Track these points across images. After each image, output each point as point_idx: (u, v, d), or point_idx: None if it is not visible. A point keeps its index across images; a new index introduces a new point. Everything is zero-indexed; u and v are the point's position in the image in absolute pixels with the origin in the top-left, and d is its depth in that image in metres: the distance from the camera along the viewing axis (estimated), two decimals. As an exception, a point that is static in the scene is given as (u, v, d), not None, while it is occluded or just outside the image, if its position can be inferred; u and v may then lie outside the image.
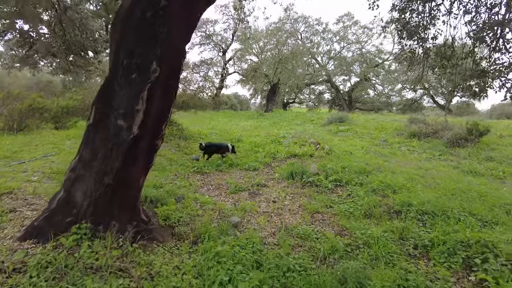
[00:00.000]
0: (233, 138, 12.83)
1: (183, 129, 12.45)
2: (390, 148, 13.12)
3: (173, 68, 3.91)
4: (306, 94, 48.71)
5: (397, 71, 41.60)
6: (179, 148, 10.77)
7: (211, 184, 7.60)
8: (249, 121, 21.55)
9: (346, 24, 41.69)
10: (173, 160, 9.26)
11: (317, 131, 15.56)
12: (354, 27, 41.94)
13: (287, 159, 9.61)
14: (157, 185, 6.36)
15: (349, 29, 41.83)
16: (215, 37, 41.52)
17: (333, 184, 7.44)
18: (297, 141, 11.67)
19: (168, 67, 3.82)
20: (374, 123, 18.87)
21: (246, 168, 9.00)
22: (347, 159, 9.70)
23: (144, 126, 3.74)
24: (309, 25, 40.88)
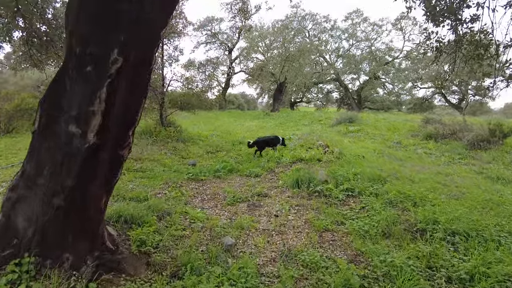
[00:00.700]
0: (235, 140, 12.00)
1: (181, 131, 11.66)
2: (404, 150, 12.16)
3: (142, 59, 3.08)
4: (314, 93, 47.61)
5: (408, 69, 40.42)
6: (176, 152, 9.97)
7: (206, 194, 6.77)
8: (254, 122, 20.70)
9: (355, 21, 40.61)
10: (167, 165, 8.46)
11: (325, 132, 14.64)
12: (363, 24, 40.86)
13: (292, 164, 8.74)
14: (141, 198, 5.55)
15: (358, 26, 40.76)
16: (220, 35, 40.80)
17: (344, 195, 6.54)
18: (304, 143, 10.79)
19: (136, 57, 2.99)
20: (386, 123, 17.87)
21: (247, 174, 8.15)
22: (359, 164, 8.79)
23: (104, 133, 2.91)
24: (317, 22, 39.88)
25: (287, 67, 28.95)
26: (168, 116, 12.12)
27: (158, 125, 11.36)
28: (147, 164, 8.23)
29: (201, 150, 10.45)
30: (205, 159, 9.61)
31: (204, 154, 10.07)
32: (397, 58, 41.56)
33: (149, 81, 3.19)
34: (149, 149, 9.58)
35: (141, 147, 9.54)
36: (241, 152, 10.36)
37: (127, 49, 2.88)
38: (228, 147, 11.09)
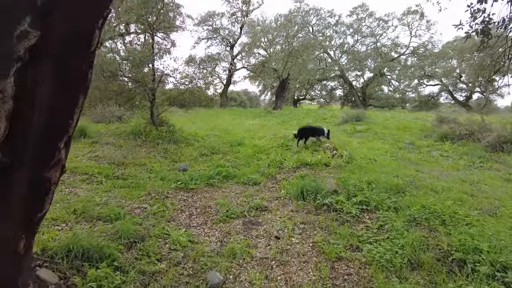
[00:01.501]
0: (233, 140, 11.00)
1: (174, 131, 10.66)
2: (418, 152, 11.11)
3: (76, 36, 2.07)
4: (317, 90, 46.48)
5: (414, 65, 39.26)
6: (166, 155, 9.00)
7: (195, 207, 5.78)
8: (256, 120, 19.69)
9: (360, 16, 39.48)
10: (154, 171, 7.48)
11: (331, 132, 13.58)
12: (369, 19, 39.71)
13: (296, 170, 7.73)
14: (111, 216, 4.56)
15: (363, 21, 39.61)
16: (222, 31, 39.71)
17: (358, 209, 5.54)
18: (309, 145, 9.77)
19: (65, 33, 1.98)
20: (395, 122, 16.80)
21: (245, 182, 7.16)
22: (372, 169, 7.78)
23: (15, 146, 1.91)
24: (321, 17, 38.76)
25: (290, 63, 27.85)
26: (161, 114, 11.13)
27: (148, 125, 10.38)
28: (131, 169, 7.25)
29: (195, 152, 9.46)
30: (198, 163, 8.61)
31: (198, 157, 9.08)
32: (404, 55, 40.42)
33: (90, 69, 2.18)
34: (136, 152, 8.61)
35: (126, 149, 8.57)
36: (239, 155, 9.36)
37: (49, 20, 1.88)
38: (226, 148, 10.09)
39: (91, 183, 6.14)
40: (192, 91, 10.67)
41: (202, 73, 12.45)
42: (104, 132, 9.96)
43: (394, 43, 39.73)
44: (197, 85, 10.51)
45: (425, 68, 37.86)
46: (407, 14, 38.55)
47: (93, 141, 8.76)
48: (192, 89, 10.60)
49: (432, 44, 38.03)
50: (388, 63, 38.42)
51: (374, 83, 41.48)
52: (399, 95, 43.87)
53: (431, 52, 37.89)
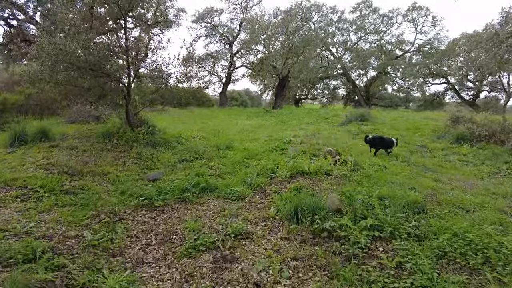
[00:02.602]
0: (221, 143, 9.65)
1: (154, 132, 9.32)
2: (432, 157, 9.74)
3: None
4: (319, 89, 45.11)
5: (419, 63, 37.77)
6: (139, 161, 7.66)
7: (156, 233, 4.45)
8: (253, 120, 18.31)
9: (363, 12, 38.06)
10: (118, 181, 6.16)
11: (333, 133, 12.24)
12: (373, 15, 38.30)
13: (291, 180, 6.37)
14: (28, 255, 3.22)
15: (367, 18, 38.19)
16: (221, 28, 38.41)
17: (368, 236, 4.19)
18: (308, 148, 8.40)
19: None
20: (403, 122, 15.39)
21: (227, 196, 5.82)
22: (382, 178, 6.43)
23: None
24: (323, 14, 37.35)
25: (291, 60, 26.49)
26: (141, 114, 9.81)
27: (124, 125, 9.05)
28: (87, 180, 5.92)
29: (175, 157, 8.12)
30: (175, 170, 7.28)
31: (176, 163, 7.75)
32: (408, 52, 39.00)
33: None
34: (102, 157, 7.28)
35: (90, 155, 7.25)
36: (225, 161, 8.02)
37: None
38: (211, 152, 8.76)
39: (26, 200, 4.81)
40: (171, 88, 9.27)
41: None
42: (70, 135, 8.63)
43: (399, 40, 38.34)
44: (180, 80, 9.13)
45: (430, 66, 36.39)
46: (412, 10, 37.18)
47: (52, 145, 7.43)
48: (172, 87, 9.22)
49: (438, 41, 36.60)
50: (392, 61, 36.95)
51: (378, 81, 40.08)
52: (403, 94, 42.43)
53: (437, 49, 36.47)
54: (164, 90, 9.04)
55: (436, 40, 37.04)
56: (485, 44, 18.58)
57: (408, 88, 40.72)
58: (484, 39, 19.28)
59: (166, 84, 8.84)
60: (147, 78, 9.06)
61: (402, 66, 38.66)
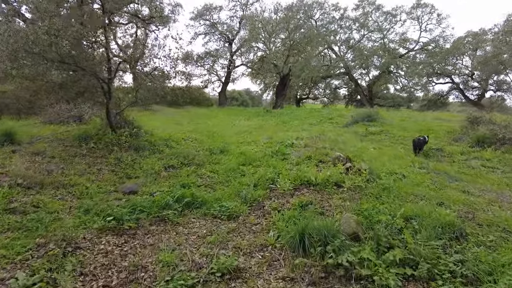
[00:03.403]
0: (215, 147, 8.59)
1: (140, 134, 8.26)
2: (451, 161, 8.68)
3: None
4: (321, 89, 44.04)
5: (423, 62, 36.63)
6: (118, 168, 6.60)
7: (119, 269, 3.37)
8: (252, 120, 17.22)
9: (366, 9, 36.97)
10: (86, 195, 5.10)
11: (340, 135, 11.16)
12: (376, 13, 37.22)
13: (294, 193, 5.30)
14: None
15: (370, 15, 37.10)
16: (220, 26, 37.35)
17: (398, 276, 3.13)
18: (313, 153, 7.31)
19: None
20: (412, 122, 14.28)
21: (216, 214, 4.73)
22: (403, 190, 5.38)
23: None
24: (325, 12, 36.24)
25: (292, 58, 25.41)
26: (126, 114, 8.76)
27: (104, 127, 8.00)
28: (46, 195, 4.84)
29: (160, 163, 7.06)
30: (158, 180, 6.22)
31: (161, 171, 6.68)
32: (412, 50, 37.88)
33: None
34: (73, 164, 6.22)
35: (58, 161, 6.19)
36: (218, 167, 6.95)
37: None
38: (203, 157, 7.69)
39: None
40: (156, 87, 8.17)
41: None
42: (43, 137, 7.57)
43: (403, 38, 37.28)
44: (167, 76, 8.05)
45: (435, 65, 35.28)
46: (416, 8, 36.16)
47: (14, 150, 6.37)
48: (157, 85, 8.12)
49: (443, 39, 35.53)
50: (396, 59, 35.83)
51: (381, 81, 39.02)
52: (406, 94, 41.35)
53: (442, 48, 35.39)
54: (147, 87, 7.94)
55: (441, 38, 35.96)
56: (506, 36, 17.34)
57: (412, 87, 39.64)
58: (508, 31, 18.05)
59: (155, 87, 7.76)
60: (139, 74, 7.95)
61: (405, 65, 37.61)
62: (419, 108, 38.07)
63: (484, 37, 33.70)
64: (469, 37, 34.76)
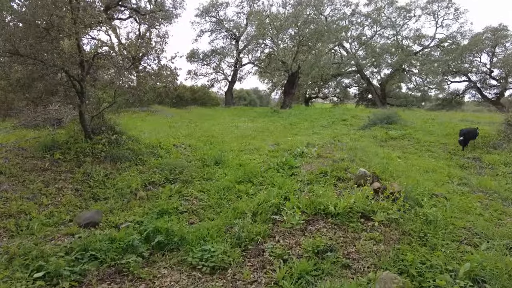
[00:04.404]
0: (210, 155, 7.22)
1: (120, 141, 6.93)
2: (494, 174, 7.15)
3: None
4: (331, 87, 42.45)
5: (438, 60, 34.74)
6: (86, 186, 5.28)
7: None
8: (258, 121, 15.81)
9: (379, 5, 35.27)
10: (25, 230, 3.78)
11: (356, 140, 9.69)
12: (389, 8, 35.47)
13: (306, 228, 3.90)
14: None
15: (383, 11, 35.36)
16: (226, 23, 36.05)
17: None
18: (329, 167, 5.88)
19: None
20: (437, 125, 12.69)
21: (195, 263, 3.33)
22: (451, 222, 3.96)
23: None
24: (336, 7, 34.60)
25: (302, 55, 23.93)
26: (107, 117, 7.45)
27: (76, 133, 6.70)
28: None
29: (140, 178, 5.72)
30: (132, 203, 4.87)
31: (138, 190, 5.34)
32: (428, 47, 35.98)
33: None
34: (26, 182, 4.92)
35: (5, 179, 4.88)
36: (209, 186, 5.55)
37: None
38: (193, 170, 6.32)
39: None
40: (135, 87, 6.82)
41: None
42: (2, 145, 6.29)
43: (417, 34, 35.44)
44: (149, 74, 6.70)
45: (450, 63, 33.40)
46: (432, 2, 34.33)
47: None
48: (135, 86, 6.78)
49: (461, 35, 33.66)
50: (410, 56, 34.04)
51: (394, 79, 37.28)
52: (419, 93, 39.50)
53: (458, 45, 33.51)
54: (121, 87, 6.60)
55: (458, 34, 34.09)
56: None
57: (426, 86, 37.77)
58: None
59: (134, 87, 6.43)
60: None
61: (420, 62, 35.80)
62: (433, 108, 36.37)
63: (504, 33, 31.82)
64: (488, 32, 32.88)
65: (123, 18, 21.67)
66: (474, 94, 36.53)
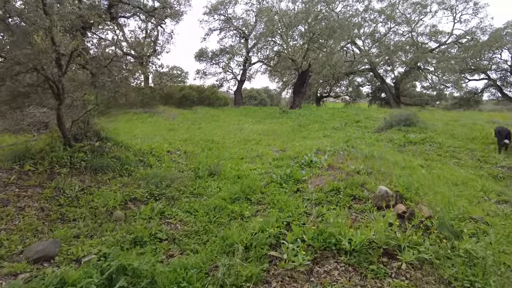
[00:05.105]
0: (206, 164, 6.37)
1: (104, 149, 6.13)
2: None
3: None
4: (343, 86, 41.21)
5: (455, 57, 33.19)
6: (56, 202, 4.49)
7: None
8: (265, 123, 14.91)
9: (393, 0, 33.99)
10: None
11: (372, 145, 8.72)
12: (404, 4, 34.13)
13: (312, 271, 3.01)
14: None
15: (397, 7, 34.02)
16: (235, 21, 35.22)
17: None
18: (342, 182, 4.96)
19: None
20: (460, 127, 11.57)
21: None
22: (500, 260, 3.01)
23: None
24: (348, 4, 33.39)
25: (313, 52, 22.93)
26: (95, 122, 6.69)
27: (54, 140, 5.94)
28: None
29: (121, 193, 4.91)
30: (103, 227, 4.05)
31: (116, 208, 4.53)
32: (444, 44, 34.42)
33: None
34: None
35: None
36: (198, 204, 4.69)
37: None
38: (183, 184, 5.49)
39: None
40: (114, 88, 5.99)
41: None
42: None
43: (433, 31, 33.97)
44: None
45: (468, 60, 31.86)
46: (451, -5, 32.84)
47: None
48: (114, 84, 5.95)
49: (481, 31, 32.10)
50: (426, 54, 32.58)
51: (409, 77, 35.85)
52: (435, 92, 37.93)
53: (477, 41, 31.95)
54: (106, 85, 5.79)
55: (478, 30, 32.52)
56: None
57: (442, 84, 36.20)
58: None
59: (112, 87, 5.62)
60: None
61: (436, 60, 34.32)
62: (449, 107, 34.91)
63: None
64: (509, 28, 31.31)
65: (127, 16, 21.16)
66: (494, 93, 34.96)
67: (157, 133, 9.73)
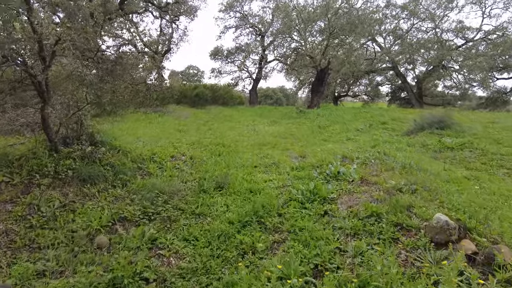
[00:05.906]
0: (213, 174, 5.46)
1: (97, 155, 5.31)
2: None
3: None
4: (362, 85, 39.77)
5: (482, 55, 31.26)
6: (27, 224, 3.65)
7: None
8: (281, 124, 13.90)
9: (416, -5, 32.41)
10: None
11: (403, 150, 7.63)
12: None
13: None
14: None
15: (421, 2, 32.37)
16: (252, 18, 34.34)
17: None
18: (381, 203, 3.95)
19: None
20: (502, 130, 10.28)
21: None
22: None
23: None
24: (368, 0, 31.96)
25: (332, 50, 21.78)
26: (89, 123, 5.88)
27: (39, 144, 5.15)
28: None
29: (109, 211, 4.05)
30: (82, 257, 3.18)
31: (101, 230, 3.67)
32: (472, 41, 32.53)
33: None
34: None
35: None
36: (198, 229, 3.78)
37: None
38: (184, 200, 4.59)
39: None
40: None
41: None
42: None
43: (460, 27, 32.13)
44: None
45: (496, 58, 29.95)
46: (481, -13, 31.01)
47: None
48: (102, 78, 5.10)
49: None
50: (451, 51, 30.83)
51: (433, 76, 34.10)
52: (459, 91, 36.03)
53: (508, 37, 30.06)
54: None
55: (509, 25, 30.61)
56: None
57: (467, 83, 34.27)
58: None
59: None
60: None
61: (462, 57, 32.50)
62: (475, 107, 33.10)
63: None
64: (542, 21, 29.29)
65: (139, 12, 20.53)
66: (525, 93, 32.96)
67: (164, 135, 8.88)
